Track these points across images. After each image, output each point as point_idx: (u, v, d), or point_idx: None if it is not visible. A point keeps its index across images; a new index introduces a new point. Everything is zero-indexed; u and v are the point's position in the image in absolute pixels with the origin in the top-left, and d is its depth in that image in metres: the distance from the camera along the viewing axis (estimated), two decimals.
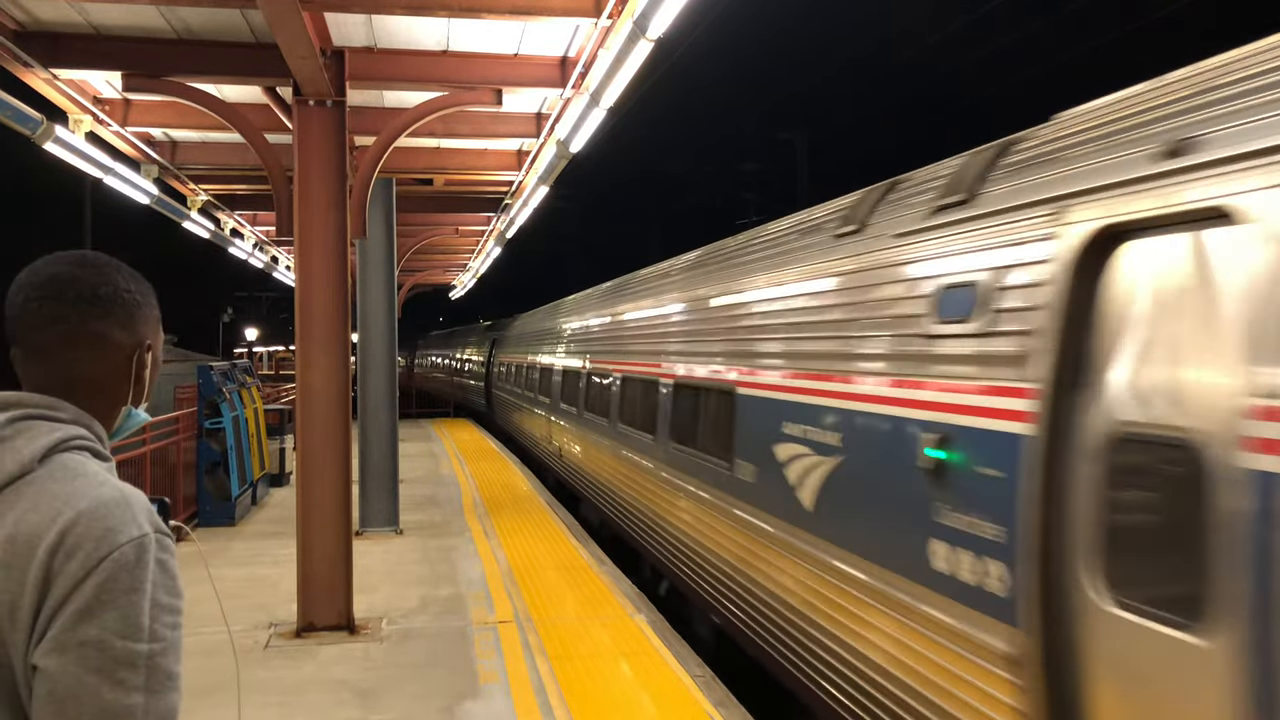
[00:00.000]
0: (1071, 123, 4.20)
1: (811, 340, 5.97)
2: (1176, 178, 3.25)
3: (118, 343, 1.61)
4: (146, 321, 1.67)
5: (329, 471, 7.74)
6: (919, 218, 4.98)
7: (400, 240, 14.25)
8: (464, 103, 8.44)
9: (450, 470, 17.69)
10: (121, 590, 1.36)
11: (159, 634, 1.39)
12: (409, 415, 30.84)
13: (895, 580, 4.61)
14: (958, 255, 4.45)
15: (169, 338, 28.13)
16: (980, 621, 3.92)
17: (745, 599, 6.74)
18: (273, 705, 6.13)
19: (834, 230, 6.05)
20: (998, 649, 3.79)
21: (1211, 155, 3.14)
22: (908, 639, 4.48)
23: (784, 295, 6.58)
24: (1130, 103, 3.84)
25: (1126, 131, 3.67)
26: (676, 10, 5.67)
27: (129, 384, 1.65)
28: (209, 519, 12.07)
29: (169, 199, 12.29)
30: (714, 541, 7.46)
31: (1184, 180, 3.21)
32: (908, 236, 5.00)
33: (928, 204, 4.97)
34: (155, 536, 1.43)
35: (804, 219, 7.01)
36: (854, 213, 5.88)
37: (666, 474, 9.00)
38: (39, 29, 7.42)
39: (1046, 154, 4.17)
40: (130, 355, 1.64)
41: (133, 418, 1.70)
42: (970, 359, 4.18)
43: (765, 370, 6.67)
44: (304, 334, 7.73)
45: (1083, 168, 3.78)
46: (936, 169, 5.28)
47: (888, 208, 5.48)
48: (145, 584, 1.38)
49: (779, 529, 6.12)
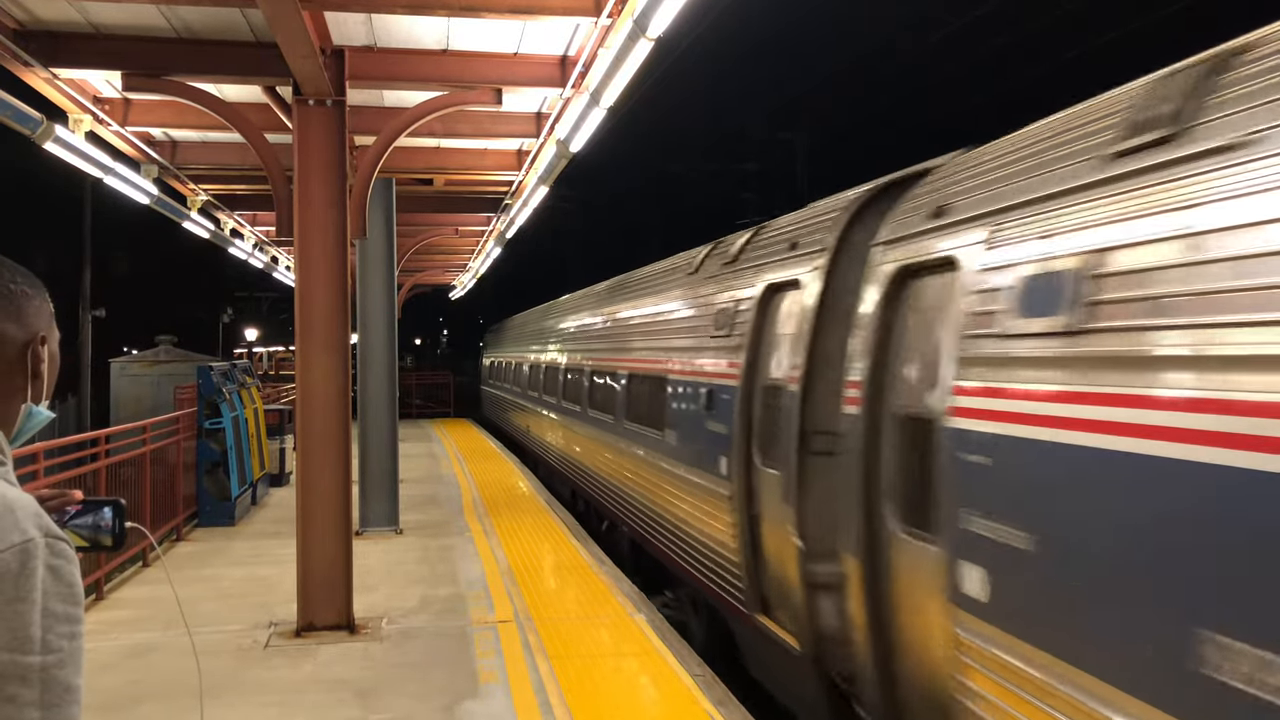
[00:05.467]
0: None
1: (651, 338, 10.69)
2: (933, 234, 4.80)
3: (9, 336, 1.53)
4: (39, 314, 1.59)
5: (329, 471, 7.73)
6: (719, 266, 8.85)
7: (400, 240, 14.25)
8: (464, 102, 8.44)
9: (450, 470, 17.68)
10: (4, 601, 1.27)
11: (53, 645, 1.30)
12: (409, 415, 30.85)
13: (695, 471, 8.39)
14: (739, 288, 8.00)
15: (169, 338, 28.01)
16: (721, 483, 7.59)
17: (620, 499, 11.43)
18: (273, 705, 6.12)
19: (684, 271, 10.16)
20: (723, 493, 7.55)
21: (949, 219, 4.67)
22: (697, 498, 8.30)
23: (642, 312, 11.46)
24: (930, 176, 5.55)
25: (919, 197, 5.30)
26: (676, 9, 5.66)
27: (25, 380, 1.56)
28: (209, 519, 12.08)
29: (169, 199, 12.29)
30: (602, 463, 12.67)
31: (935, 235, 4.77)
32: (717, 277, 8.74)
33: (727, 257, 8.70)
34: (46, 541, 1.34)
35: (663, 266, 11.73)
36: (692, 264, 9.87)
37: (580, 429, 14.32)
38: (39, 28, 7.42)
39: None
40: (23, 350, 1.55)
41: (34, 416, 1.60)
42: (725, 350, 7.91)
43: (624, 354, 11.83)
44: (304, 334, 7.72)
45: (898, 221, 5.41)
46: (742, 237, 8.76)
47: (710, 260, 9.33)
48: (33, 593, 1.29)
49: (644, 452, 10.25)
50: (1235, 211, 2.92)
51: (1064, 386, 3.54)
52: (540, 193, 11.80)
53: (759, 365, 7.19)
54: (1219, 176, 3.02)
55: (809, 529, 6.04)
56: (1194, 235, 3.05)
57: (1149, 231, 3.25)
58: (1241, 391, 2.77)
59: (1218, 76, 3.30)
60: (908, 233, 5.08)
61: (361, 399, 11.68)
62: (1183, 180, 3.17)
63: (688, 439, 8.67)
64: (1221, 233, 2.95)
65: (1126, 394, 3.23)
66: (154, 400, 24.80)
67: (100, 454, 9.05)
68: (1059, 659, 3.47)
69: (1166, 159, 3.29)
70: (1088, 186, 3.66)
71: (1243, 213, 2.88)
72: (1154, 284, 3.17)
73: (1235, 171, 2.97)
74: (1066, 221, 3.72)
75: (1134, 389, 3.19)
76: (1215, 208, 3.00)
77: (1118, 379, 3.27)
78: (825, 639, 5.85)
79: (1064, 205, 3.77)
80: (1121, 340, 3.28)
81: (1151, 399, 3.12)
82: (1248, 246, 2.83)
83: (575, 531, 11.77)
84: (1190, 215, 3.09)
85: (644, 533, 10.27)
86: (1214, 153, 3.08)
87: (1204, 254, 2.98)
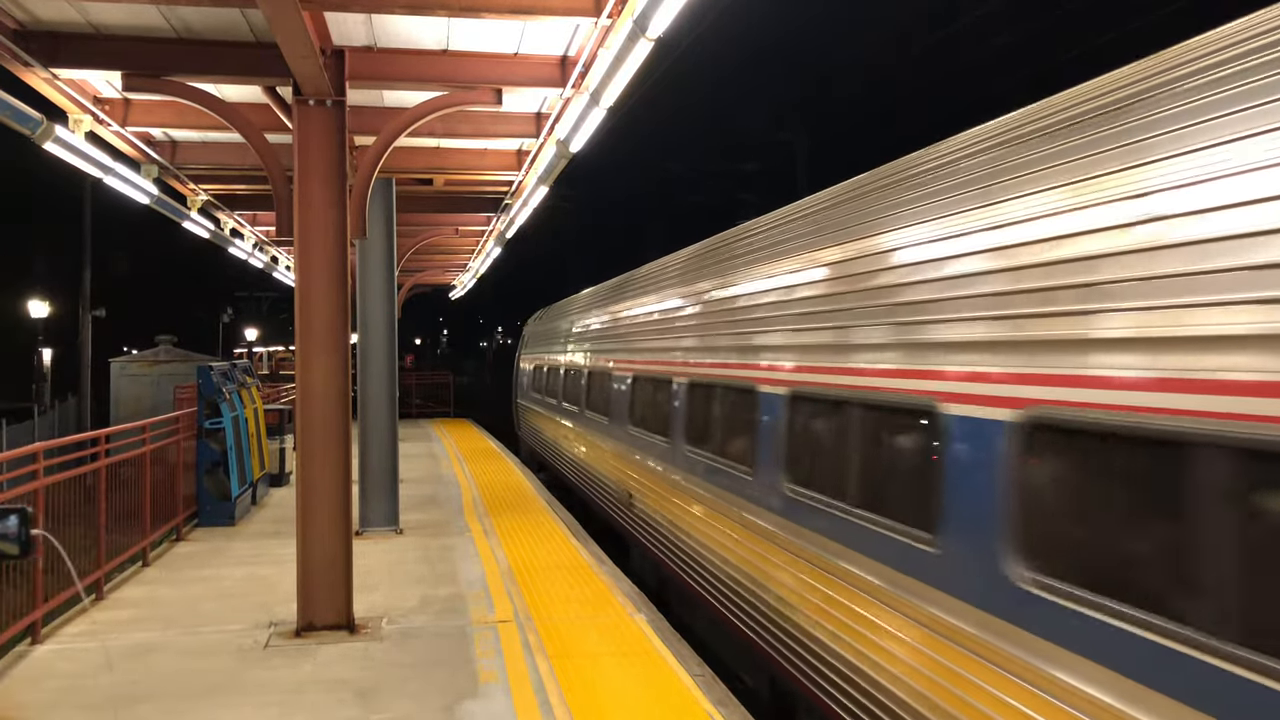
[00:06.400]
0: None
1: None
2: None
3: None
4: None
5: (329, 471, 7.73)
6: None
7: (400, 240, 14.23)
8: (464, 102, 8.44)
9: (450, 470, 17.68)
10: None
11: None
12: (409, 415, 30.84)
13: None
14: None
15: (169, 338, 27.97)
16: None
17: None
18: (273, 705, 6.12)
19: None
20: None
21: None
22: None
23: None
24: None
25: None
26: (676, 9, 5.67)
27: None
28: (209, 519, 12.08)
29: (169, 199, 12.28)
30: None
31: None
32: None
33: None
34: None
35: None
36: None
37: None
38: (39, 28, 7.42)
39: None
40: None
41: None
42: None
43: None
44: (304, 334, 7.72)
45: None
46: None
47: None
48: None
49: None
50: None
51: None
52: (540, 193, 11.80)
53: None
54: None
55: None
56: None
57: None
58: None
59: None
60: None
61: (361, 399, 11.68)
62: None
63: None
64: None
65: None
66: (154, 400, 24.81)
67: (100, 454, 9.05)
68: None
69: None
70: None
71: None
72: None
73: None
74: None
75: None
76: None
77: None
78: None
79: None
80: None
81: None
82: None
83: (575, 531, 11.76)
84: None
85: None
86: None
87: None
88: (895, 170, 5.81)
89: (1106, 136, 3.72)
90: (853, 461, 5.64)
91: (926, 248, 4.91)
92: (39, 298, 32.06)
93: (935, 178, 5.11)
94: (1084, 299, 3.60)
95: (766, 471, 6.90)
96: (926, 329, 4.77)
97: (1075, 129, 3.98)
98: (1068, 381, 3.64)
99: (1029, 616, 3.76)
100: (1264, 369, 2.80)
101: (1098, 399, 3.46)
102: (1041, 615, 3.66)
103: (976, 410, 4.25)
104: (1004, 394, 4.05)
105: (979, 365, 4.27)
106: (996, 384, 4.12)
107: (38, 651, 7.17)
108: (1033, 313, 3.90)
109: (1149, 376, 3.23)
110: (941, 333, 4.63)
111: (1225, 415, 2.90)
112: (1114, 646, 3.26)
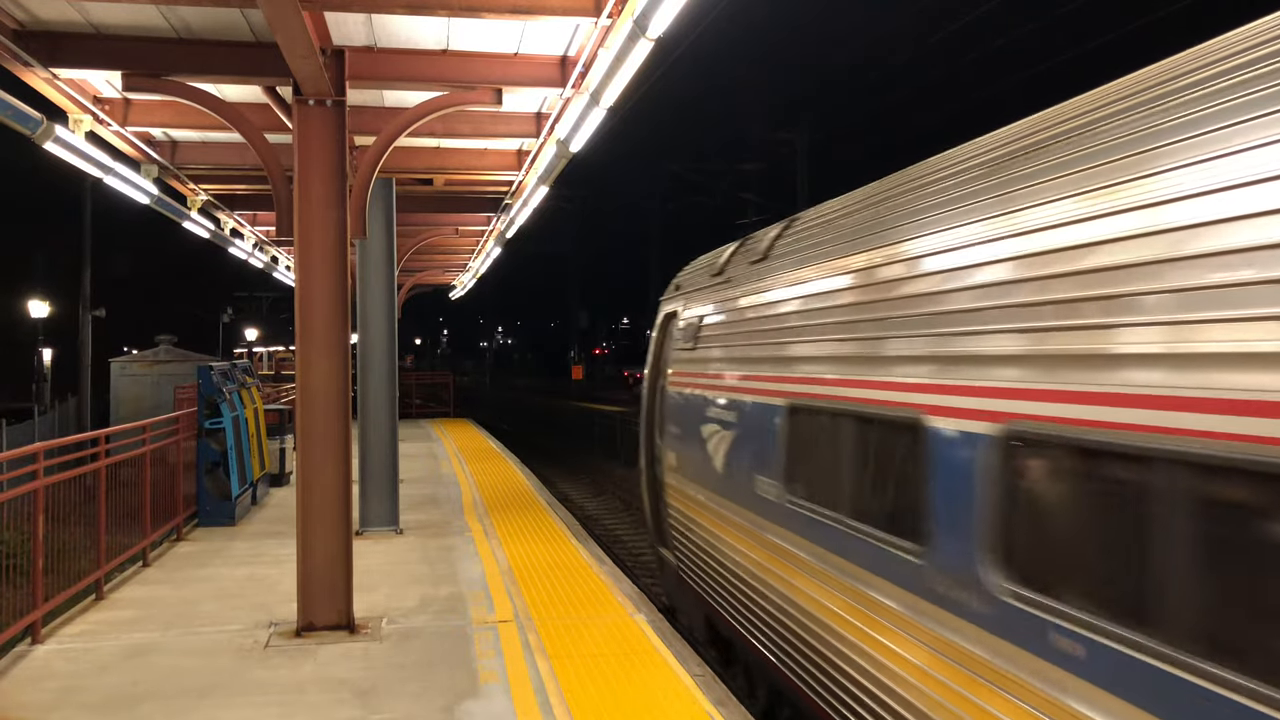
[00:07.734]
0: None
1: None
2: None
3: None
4: None
5: (329, 471, 7.73)
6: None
7: (400, 240, 14.25)
8: (464, 102, 8.44)
9: (450, 470, 17.68)
10: None
11: None
12: (409, 415, 30.84)
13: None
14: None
15: (169, 338, 27.97)
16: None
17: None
18: (273, 705, 6.12)
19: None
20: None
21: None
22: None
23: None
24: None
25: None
26: (677, 9, 5.67)
27: None
28: (209, 519, 12.08)
29: (169, 199, 12.29)
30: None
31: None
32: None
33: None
34: None
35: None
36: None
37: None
38: (39, 28, 7.42)
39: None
40: None
41: None
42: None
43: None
44: (304, 334, 7.72)
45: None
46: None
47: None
48: None
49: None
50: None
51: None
52: (540, 192, 11.80)
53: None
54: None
55: None
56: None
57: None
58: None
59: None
60: None
61: (361, 399, 11.68)
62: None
63: None
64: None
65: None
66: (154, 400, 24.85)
67: (100, 454, 9.05)
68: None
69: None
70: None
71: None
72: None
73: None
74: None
75: None
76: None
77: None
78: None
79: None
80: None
81: None
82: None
83: (575, 531, 11.76)
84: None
85: None
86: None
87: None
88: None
89: (1081, 156, 3.61)
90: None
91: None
92: (39, 298, 32.02)
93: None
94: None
95: None
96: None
97: (1056, 146, 3.86)
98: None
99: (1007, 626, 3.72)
100: (1228, 387, 2.71)
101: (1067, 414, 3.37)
102: (1018, 625, 3.66)
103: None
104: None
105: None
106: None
107: (38, 651, 7.17)
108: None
109: (1113, 392, 3.16)
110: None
111: (1181, 432, 2.86)
112: (1084, 657, 3.27)
